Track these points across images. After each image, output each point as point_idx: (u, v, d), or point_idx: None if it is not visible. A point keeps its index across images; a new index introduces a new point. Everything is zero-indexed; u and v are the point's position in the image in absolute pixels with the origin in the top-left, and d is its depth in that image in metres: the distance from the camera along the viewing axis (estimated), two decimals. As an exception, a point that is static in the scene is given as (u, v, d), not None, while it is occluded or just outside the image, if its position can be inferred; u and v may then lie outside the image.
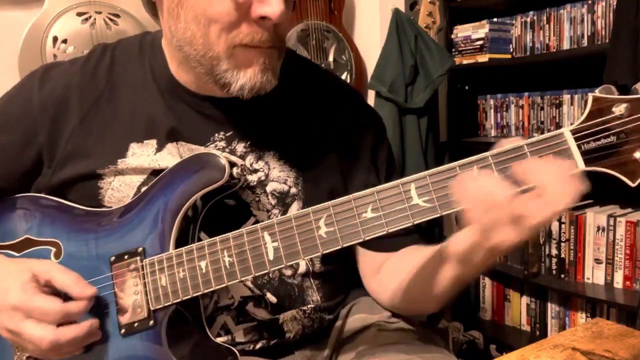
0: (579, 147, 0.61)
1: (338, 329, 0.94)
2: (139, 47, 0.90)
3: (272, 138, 0.88)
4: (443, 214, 0.65)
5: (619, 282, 1.97)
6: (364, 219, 0.67)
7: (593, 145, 0.61)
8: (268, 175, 0.87)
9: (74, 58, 0.92)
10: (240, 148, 0.87)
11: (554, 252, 2.13)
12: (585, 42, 2.13)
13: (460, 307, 2.44)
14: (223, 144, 0.86)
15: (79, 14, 1.76)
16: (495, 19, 2.38)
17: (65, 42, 1.75)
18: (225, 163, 0.77)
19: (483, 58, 2.36)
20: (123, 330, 0.78)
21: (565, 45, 2.20)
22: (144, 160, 0.84)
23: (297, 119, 0.91)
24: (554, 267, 2.13)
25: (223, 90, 0.80)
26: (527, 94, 2.38)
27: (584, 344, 0.81)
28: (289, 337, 0.89)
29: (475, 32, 2.38)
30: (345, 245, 0.68)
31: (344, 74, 2.31)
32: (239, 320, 0.87)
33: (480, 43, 2.36)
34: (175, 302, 0.76)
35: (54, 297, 0.74)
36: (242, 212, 0.87)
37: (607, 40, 2.03)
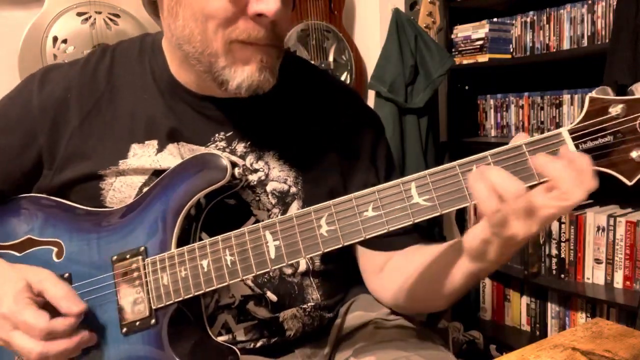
0: (577, 146, 0.62)
1: (337, 327, 0.94)
2: (139, 48, 0.91)
3: (272, 138, 0.89)
4: (443, 213, 0.66)
5: (619, 282, 1.97)
6: (365, 218, 0.68)
7: (590, 145, 0.62)
8: (268, 175, 0.88)
9: (74, 60, 0.92)
10: (241, 148, 0.87)
11: (554, 252, 2.13)
12: (585, 42, 2.14)
13: (460, 307, 2.44)
14: (223, 144, 0.86)
15: (79, 14, 1.76)
16: (495, 19, 2.38)
17: (65, 42, 1.75)
18: (227, 163, 0.77)
19: (483, 58, 2.36)
20: (124, 330, 0.78)
21: (565, 45, 2.20)
22: (145, 161, 0.85)
23: (296, 119, 0.91)
24: (554, 267, 2.14)
25: (221, 89, 0.80)
26: (527, 94, 2.39)
27: (584, 344, 0.81)
28: (289, 335, 0.89)
29: (475, 32, 2.38)
30: (346, 244, 0.69)
31: (344, 74, 2.31)
32: (240, 319, 0.87)
33: (480, 43, 2.36)
34: (177, 301, 0.76)
35: (43, 312, 0.73)
36: (242, 211, 0.87)
37: (607, 40, 2.03)
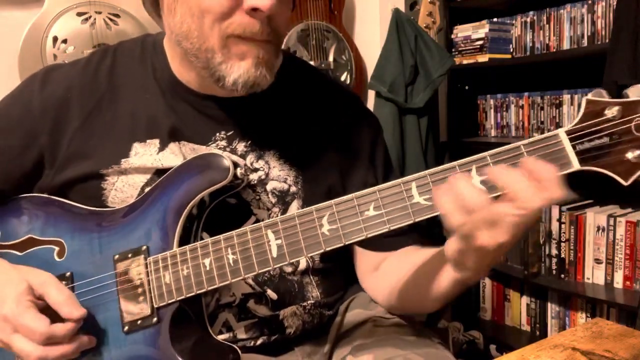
0: (574, 147, 0.63)
1: (337, 325, 0.95)
2: (141, 48, 0.91)
3: (272, 138, 0.89)
4: (443, 212, 0.66)
5: (619, 282, 1.97)
6: (366, 217, 0.68)
7: (587, 146, 0.63)
8: (268, 174, 0.88)
9: (75, 60, 0.92)
10: (241, 147, 0.87)
11: (554, 252, 2.13)
12: (585, 42, 2.14)
13: (460, 307, 2.44)
14: (224, 144, 0.87)
15: (79, 14, 1.76)
16: (495, 19, 2.38)
17: (65, 42, 1.75)
18: (230, 164, 0.78)
19: (483, 58, 2.36)
20: (126, 328, 0.78)
21: (565, 45, 2.21)
22: (147, 160, 0.85)
23: (296, 119, 0.91)
24: (554, 267, 2.14)
25: (219, 85, 0.80)
26: (527, 94, 2.39)
27: (584, 344, 0.81)
28: (290, 332, 0.90)
29: (475, 32, 2.38)
30: (348, 243, 0.69)
31: (344, 74, 2.31)
32: (240, 317, 0.87)
33: (480, 43, 2.36)
34: (179, 299, 0.76)
35: (43, 316, 0.73)
36: (242, 210, 0.87)
37: (607, 40, 2.03)
